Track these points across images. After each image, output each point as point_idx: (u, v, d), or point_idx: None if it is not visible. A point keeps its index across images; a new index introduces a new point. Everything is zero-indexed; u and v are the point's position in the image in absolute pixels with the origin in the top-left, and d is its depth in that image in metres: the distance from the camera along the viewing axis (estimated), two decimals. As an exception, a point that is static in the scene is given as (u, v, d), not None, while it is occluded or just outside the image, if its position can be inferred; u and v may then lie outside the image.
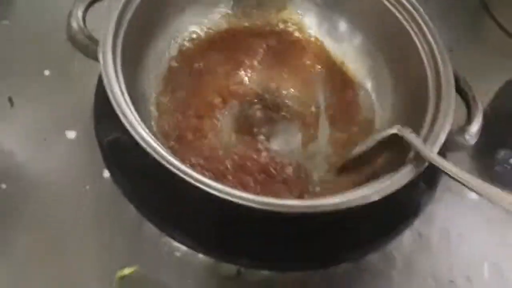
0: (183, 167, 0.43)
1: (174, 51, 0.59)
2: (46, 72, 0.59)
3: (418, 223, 0.54)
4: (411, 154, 0.47)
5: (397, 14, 0.57)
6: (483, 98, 0.61)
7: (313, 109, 0.59)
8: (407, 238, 0.53)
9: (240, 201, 0.42)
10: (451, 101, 0.50)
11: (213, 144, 0.54)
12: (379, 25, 0.59)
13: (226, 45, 0.61)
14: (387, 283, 0.51)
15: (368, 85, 0.60)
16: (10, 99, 0.57)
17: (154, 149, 0.43)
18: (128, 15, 0.51)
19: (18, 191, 0.52)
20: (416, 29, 0.56)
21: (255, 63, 0.60)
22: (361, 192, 0.44)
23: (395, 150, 0.50)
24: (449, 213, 0.56)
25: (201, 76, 0.59)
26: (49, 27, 0.61)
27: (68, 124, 0.56)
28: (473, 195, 0.55)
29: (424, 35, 0.55)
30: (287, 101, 0.59)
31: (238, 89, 0.58)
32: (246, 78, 0.59)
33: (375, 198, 0.43)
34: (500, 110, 0.61)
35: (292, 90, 0.60)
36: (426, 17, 0.56)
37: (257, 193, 0.50)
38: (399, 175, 0.45)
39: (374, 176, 0.48)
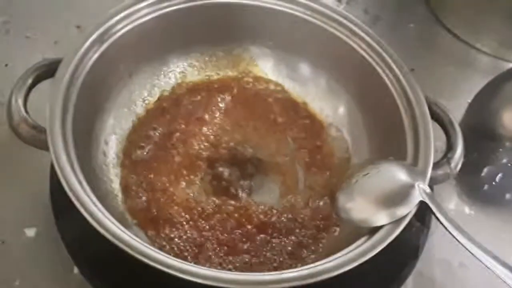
0: (156, 254, 0.39)
1: (128, 122, 0.56)
2: (-5, 167, 0.55)
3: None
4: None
5: (356, 47, 0.55)
6: (455, 114, 0.60)
7: (285, 158, 0.55)
8: (409, 282, 0.50)
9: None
10: (429, 133, 0.48)
11: (189, 214, 0.50)
12: (339, 61, 0.56)
13: (182, 105, 0.58)
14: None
15: (339, 124, 0.58)
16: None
17: (123, 240, 0.39)
18: (73, 97, 0.47)
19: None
20: (378, 60, 0.53)
21: (217, 120, 0.57)
22: (351, 254, 0.41)
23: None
24: (445, 243, 0.52)
25: (162, 143, 0.55)
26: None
27: (26, 221, 0.51)
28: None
29: (388, 65, 0.53)
30: (257, 155, 0.55)
31: (204, 151, 0.55)
32: (211, 137, 0.56)
33: (370, 255, 0.40)
34: (475, 125, 0.59)
35: (260, 141, 0.56)
36: (385, 44, 0.54)
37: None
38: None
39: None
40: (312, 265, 0.41)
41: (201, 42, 0.59)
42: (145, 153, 0.54)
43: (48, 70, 0.48)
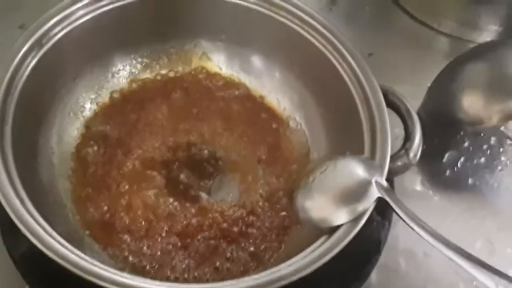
0: (99, 269, 0.37)
1: (76, 128, 0.53)
2: None
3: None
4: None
5: (308, 36, 0.53)
6: (420, 96, 0.59)
7: (244, 155, 0.54)
8: (373, 276, 0.49)
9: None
10: (385, 125, 0.46)
11: (146, 221, 0.49)
12: (292, 52, 0.55)
13: (133, 106, 0.55)
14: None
15: (296, 117, 0.56)
16: None
17: (64, 258, 0.37)
18: (11, 107, 0.44)
19: None
20: (331, 49, 0.51)
21: (171, 120, 0.55)
22: (317, 251, 0.40)
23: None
24: (409, 233, 0.51)
25: (114, 148, 0.53)
26: None
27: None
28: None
29: (341, 54, 0.51)
30: (215, 154, 0.53)
31: (159, 154, 0.53)
32: (165, 139, 0.54)
33: (329, 256, 0.39)
34: (435, 110, 0.57)
35: (218, 140, 0.54)
36: (336, 32, 0.52)
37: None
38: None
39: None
40: (271, 270, 0.39)
41: (149, 39, 0.57)
42: (95, 160, 0.52)
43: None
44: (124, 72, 0.57)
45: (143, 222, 0.49)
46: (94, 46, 0.53)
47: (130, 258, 0.47)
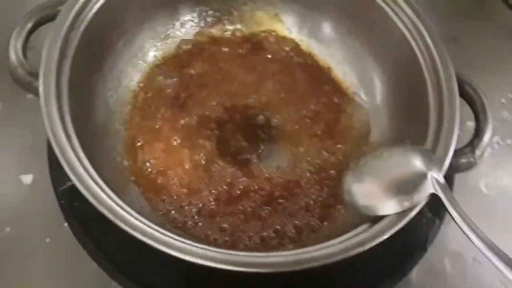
0: (137, 222, 0.37)
1: (138, 72, 0.53)
2: (-2, 105, 0.53)
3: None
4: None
5: (388, 10, 0.49)
6: (502, 88, 0.54)
7: (300, 127, 0.52)
8: (413, 273, 0.46)
9: (206, 262, 0.36)
10: (454, 118, 0.43)
11: (196, 176, 0.48)
12: (369, 25, 0.51)
13: (196, 60, 0.54)
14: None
15: (362, 94, 0.53)
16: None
17: (104, 204, 0.37)
18: (74, 42, 0.44)
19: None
20: (410, 26, 0.48)
21: (234, 79, 0.53)
22: (355, 239, 0.37)
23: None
24: (460, 235, 0.48)
25: (174, 98, 0.52)
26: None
27: (23, 167, 0.50)
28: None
29: (420, 33, 0.47)
30: (271, 121, 0.52)
31: (216, 112, 0.52)
32: (225, 97, 0.52)
33: (368, 246, 0.37)
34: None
35: (276, 105, 0.52)
36: (419, 8, 0.48)
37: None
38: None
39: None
40: (305, 249, 0.37)
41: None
42: (152, 109, 0.51)
43: (50, 13, 0.45)
44: (192, 23, 0.56)
45: (189, 178, 0.48)
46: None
47: (172, 212, 0.46)
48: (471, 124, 0.46)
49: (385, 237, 0.37)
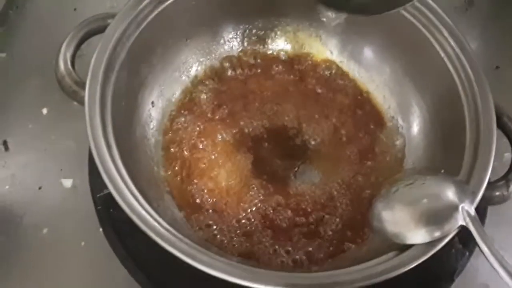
0: (168, 235, 0.38)
1: (180, 86, 0.54)
2: (44, 111, 0.55)
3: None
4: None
5: (433, 42, 0.49)
6: None
7: (336, 149, 0.52)
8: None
9: (237, 280, 0.36)
10: (490, 150, 0.42)
11: (232, 192, 0.49)
12: (411, 52, 0.51)
13: (237, 77, 0.56)
14: None
15: (399, 119, 0.53)
16: (4, 143, 0.53)
17: (137, 213, 0.38)
18: (122, 55, 0.46)
19: (11, 243, 0.49)
20: (452, 55, 0.48)
21: (272, 99, 0.55)
22: (381, 266, 0.38)
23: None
24: (490, 269, 0.48)
25: (212, 114, 0.53)
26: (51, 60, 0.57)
27: (64, 171, 0.52)
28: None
29: (461, 64, 0.47)
30: (307, 142, 0.52)
31: (253, 129, 0.53)
32: (263, 115, 0.54)
33: (394, 274, 0.37)
34: None
35: (313, 127, 0.53)
36: (465, 43, 0.48)
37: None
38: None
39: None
40: (328, 273, 0.38)
41: (265, 11, 0.56)
42: (191, 123, 0.52)
43: (101, 25, 0.47)
44: (235, 41, 0.57)
45: (224, 194, 0.49)
46: (207, 10, 0.53)
47: (207, 228, 0.47)
48: (508, 155, 0.46)
49: (411, 266, 0.37)
